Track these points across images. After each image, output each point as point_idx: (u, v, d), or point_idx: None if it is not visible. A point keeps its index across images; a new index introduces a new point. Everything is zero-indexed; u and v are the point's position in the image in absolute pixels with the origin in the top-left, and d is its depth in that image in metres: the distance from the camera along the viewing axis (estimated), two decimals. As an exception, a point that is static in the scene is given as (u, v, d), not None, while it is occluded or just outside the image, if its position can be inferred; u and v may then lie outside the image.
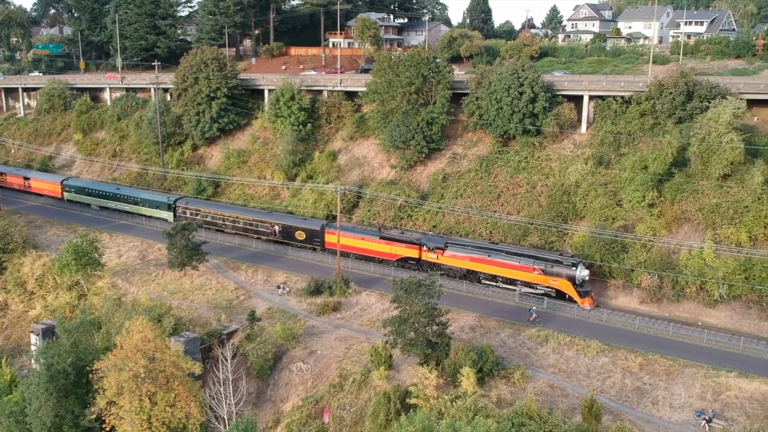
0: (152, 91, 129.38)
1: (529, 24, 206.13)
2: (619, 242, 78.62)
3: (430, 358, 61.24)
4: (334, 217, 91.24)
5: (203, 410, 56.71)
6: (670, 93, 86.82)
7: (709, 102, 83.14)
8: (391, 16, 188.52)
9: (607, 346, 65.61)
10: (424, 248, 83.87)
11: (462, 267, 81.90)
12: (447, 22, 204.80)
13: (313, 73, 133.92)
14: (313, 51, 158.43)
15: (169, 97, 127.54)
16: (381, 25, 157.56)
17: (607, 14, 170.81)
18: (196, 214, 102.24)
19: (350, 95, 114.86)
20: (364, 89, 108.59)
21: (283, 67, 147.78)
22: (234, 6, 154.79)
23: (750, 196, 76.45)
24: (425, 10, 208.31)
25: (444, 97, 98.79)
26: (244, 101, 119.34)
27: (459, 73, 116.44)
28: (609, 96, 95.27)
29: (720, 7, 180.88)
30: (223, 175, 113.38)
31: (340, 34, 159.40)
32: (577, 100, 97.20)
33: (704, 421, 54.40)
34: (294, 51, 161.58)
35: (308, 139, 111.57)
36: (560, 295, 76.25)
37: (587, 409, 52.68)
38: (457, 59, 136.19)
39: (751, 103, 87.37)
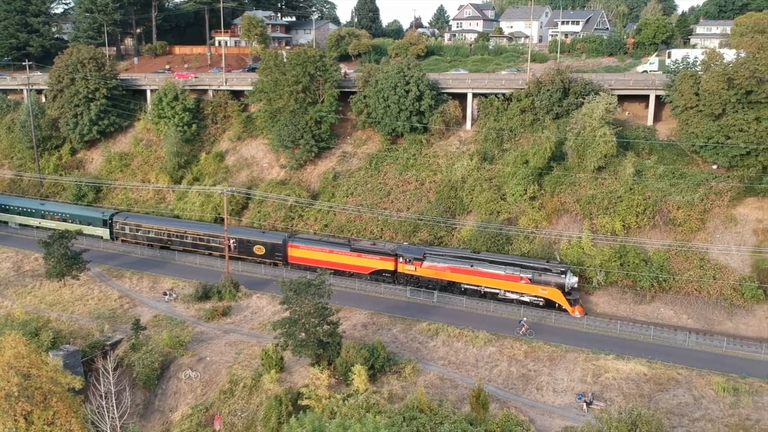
0: (25, 92, 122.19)
1: (417, 23, 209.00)
2: (504, 235, 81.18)
3: (321, 358, 60.99)
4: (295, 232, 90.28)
5: (85, 426, 53.94)
6: (548, 90, 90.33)
7: (584, 98, 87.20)
8: (279, 15, 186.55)
9: (494, 336, 67.52)
10: (401, 260, 79.46)
11: (442, 278, 78.03)
12: (335, 20, 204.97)
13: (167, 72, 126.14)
14: (198, 50, 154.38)
15: (43, 99, 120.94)
16: (268, 24, 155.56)
17: (490, 14, 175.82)
18: (137, 230, 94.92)
19: (237, 94, 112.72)
20: (250, 88, 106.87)
21: (167, 67, 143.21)
22: (113, 3, 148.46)
23: (623, 187, 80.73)
24: (314, 9, 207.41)
25: (332, 96, 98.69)
26: (125, 102, 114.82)
27: (348, 71, 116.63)
28: (491, 93, 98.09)
29: (594, 7, 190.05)
30: (105, 179, 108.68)
31: (226, 32, 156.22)
32: (462, 97, 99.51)
33: (585, 404, 56.93)
34: (178, 50, 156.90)
35: (194, 140, 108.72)
36: (549, 304, 73.63)
37: (475, 399, 54.01)
38: (345, 58, 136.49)
39: (623, 99, 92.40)
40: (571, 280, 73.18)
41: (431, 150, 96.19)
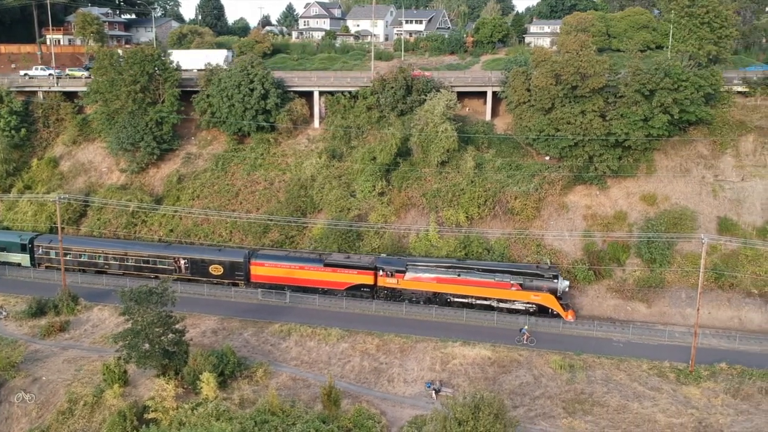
0: None
1: (265, 21, 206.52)
2: (355, 231, 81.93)
3: (168, 368, 58.72)
4: (259, 248, 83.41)
5: None
6: (392, 87, 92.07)
7: (426, 95, 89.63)
8: (118, 12, 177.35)
9: (347, 332, 68.01)
10: (381, 273, 75.35)
11: (427, 290, 74.75)
12: (179, 18, 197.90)
13: None
14: (27, 48, 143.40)
15: None
16: (105, 21, 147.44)
17: (337, 12, 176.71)
18: (66, 255, 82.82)
19: (70, 96, 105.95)
20: (85, 89, 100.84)
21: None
22: None
23: (465, 180, 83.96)
24: (156, 6, 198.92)
25: (173, 96, 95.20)
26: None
27: (190, 70, 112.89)
28: (338, 91, 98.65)
29: (437, 6, 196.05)
30: None
31: (57, 30, 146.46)
32: (309, 95, 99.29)
33: (434, 391, 58.51)
34: (4, 48, 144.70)
35: (24, 145, 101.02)
36: (542, 310, 72.06)
37: (326, 396, 54.08)
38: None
39: (463, 95, 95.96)
40: (563, 284, 72.27)
41: (279, 149, 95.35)
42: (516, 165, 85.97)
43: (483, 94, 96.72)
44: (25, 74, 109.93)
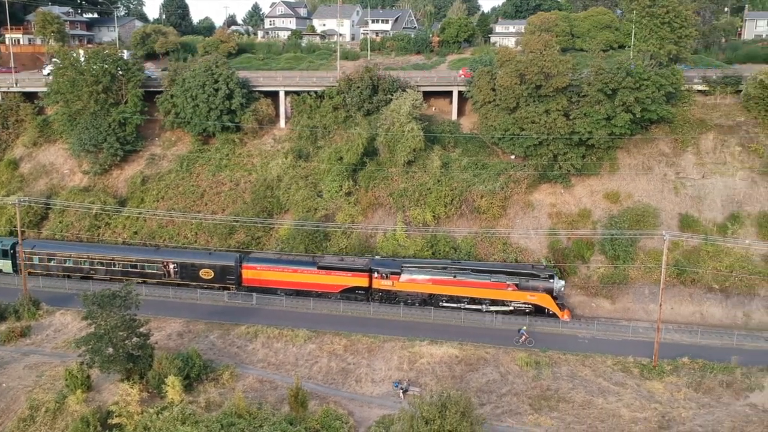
0: None
1: (231, 21, 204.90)
2: (322, 231, 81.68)
3: (132, 372, 57.86)
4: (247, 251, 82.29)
5: None
6: (358, 87, 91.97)
7: (392, 95, 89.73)
8: (79, 11, 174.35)
9: (314, 333, 67.76)
10: (375, 275, 74.64)
11: (423, 292, 74.10)
12: (143, 17, 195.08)
13: None
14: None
15: None
16: (66, 20, 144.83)
17: (303, 12, 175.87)
18: (50, 260, 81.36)
19: (30, 96, 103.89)
20: (45, 89, 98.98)
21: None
22: None
23: (431, 179, 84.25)
24: (119, 5, 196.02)
25: (136, 96, 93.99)
26: None
27: (155, 70, 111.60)
28: (304, 91, 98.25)
29: (403, 6, 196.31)
30: None
31: (17, 29, 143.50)
32: (274, 95, 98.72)
33: (401, 391, 58.55)
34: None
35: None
36: (538, 310, 72.06)
37: (293, 398, 53.75)
38: (153, 56, 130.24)
39: (429, 95, 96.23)
40: (559, 284, 72.52)
41: (245, 149, 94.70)
42: (482, 164, 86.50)
43: (449, 94, 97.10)
44: (49, 74, 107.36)
